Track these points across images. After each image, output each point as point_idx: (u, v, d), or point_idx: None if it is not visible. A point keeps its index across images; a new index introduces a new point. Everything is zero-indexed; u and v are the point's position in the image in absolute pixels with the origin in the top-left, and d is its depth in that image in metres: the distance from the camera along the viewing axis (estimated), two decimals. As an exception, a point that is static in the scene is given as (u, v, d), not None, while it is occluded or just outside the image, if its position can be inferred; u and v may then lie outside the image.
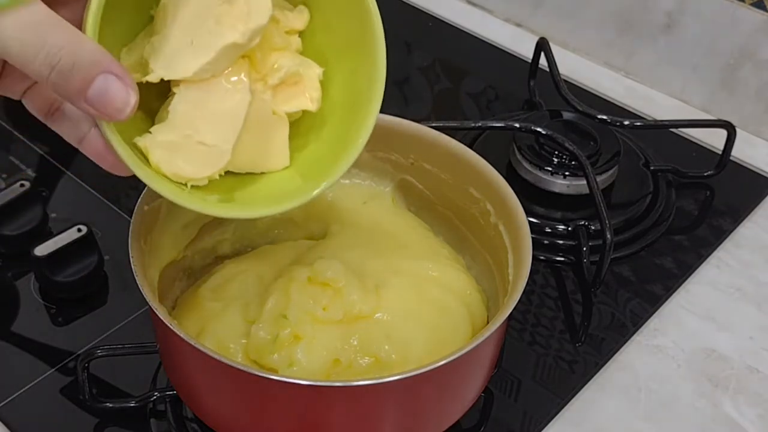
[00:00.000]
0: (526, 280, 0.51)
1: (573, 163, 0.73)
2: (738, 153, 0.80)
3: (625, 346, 0.65)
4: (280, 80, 0.47)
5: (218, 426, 0.53)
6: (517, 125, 0.76)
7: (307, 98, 0.49)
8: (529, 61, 0.87)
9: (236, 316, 0.54)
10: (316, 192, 0.47)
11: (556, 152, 0.74)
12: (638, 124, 0.81)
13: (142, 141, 0.44)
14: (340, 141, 0.49)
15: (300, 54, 0.49)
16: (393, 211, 0.63)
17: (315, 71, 0.49)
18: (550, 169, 0.74)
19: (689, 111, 0.88)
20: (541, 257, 0.71)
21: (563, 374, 0.62)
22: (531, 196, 0.74)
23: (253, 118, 0.46)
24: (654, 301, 0.68)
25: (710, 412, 0.61)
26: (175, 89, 0.45)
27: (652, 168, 0.78)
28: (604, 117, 0.78)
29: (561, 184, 0.74)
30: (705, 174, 0.79)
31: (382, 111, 0.48)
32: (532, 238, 0.53)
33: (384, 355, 0.51)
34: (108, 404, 0.57)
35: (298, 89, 0.48)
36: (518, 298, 0.49)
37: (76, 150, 0.44)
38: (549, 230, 0.72)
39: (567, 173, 0.74)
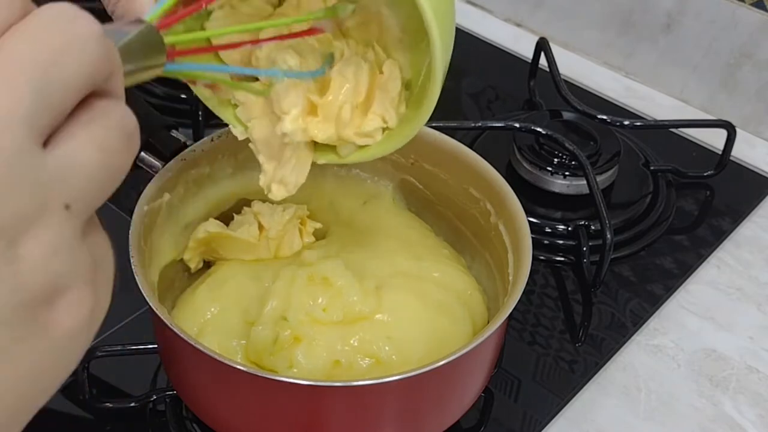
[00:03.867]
0: (526, 280, 0.51)
1: (573, 163, 0.73)
2: (738, 153, 0.80)
3: (625, 346, 0.65)
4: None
5: (218, 426, 0.53)
6: (517, 125, 0.76)
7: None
8: (529, 61, 0.87)
9: (236, 317, 0.54)
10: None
11: (556, 152, 0.74)
12: (638, 124, 0.81)
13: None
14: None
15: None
16: (393, 211, 0.63)
17: (396, 90, 0.49)
18: (550, 169, 0.74)
19: (689, 111, 0.88)
20: (541, 257, 0.71)
21: (563, 374, 0.62)
22: (531, 196, 0.74)
23: None
24: (654, 301, 0.68)
25: (710, 412, 0.61)
26: None
27: (652, 168, 0.78)
28: (604, 117, 0.78)
29: (561, 184, 0.74)
30: (705, 174, 0.79)
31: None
32: (532, 238, 0.53)
33: (384, 356, 0.51)
34: (108, 404, 0.57)
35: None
36: (518, 298, 0.49)
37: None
38: (549, 230, 0.72)
39: (567, 173, 0.74)
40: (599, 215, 0.67)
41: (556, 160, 0.74)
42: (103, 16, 0.45)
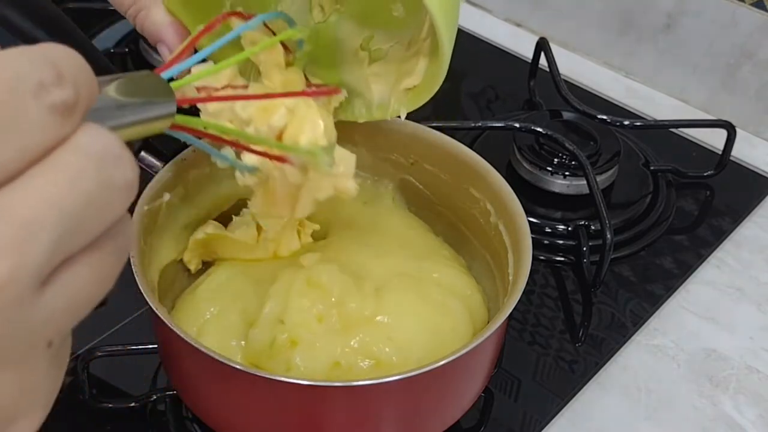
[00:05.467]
0: (526, 280, 0.51)
1: (573, 163, 0.73)
2: (738, 153, 0.80)
3: (625, 346, 0.65)
4: None
5: (218, 426, 0.53)
6: (517, 125, 0.76)
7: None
8: (529, 61, 0.87)
9: (235, 317, 0.54)
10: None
11: (556, 152, 0.74)
12: (638, 124, 0.81)
13: None
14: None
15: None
16: (393, 211, 0.63)
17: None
18: (550, 169, 0.74)
19: (689, 111, 0.88)
20: (541, 257, 0.71)
21: (563, 374, 0.62)
22: (531, 196, 0.74)
23: None
24: (654, 301, 0.68)
25: (710, 412, 0.61)
26: None
27: (652, 168, 0.78)
28: (604, 117, 0.78)
29: (561, 184, 0.74)
30: (705, 174, 0.79)
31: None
32: (532, 238, 0.53)
33: (384, 357, 0.51)
34: (108, 404, 0.57)
35: None
36: (518, 298, 0.49)
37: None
38: (549, 230, 0.72)
39: (567, 173, 0.74)
40: (599, 215, 0.67)
41: (556, 160, 0.74)
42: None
